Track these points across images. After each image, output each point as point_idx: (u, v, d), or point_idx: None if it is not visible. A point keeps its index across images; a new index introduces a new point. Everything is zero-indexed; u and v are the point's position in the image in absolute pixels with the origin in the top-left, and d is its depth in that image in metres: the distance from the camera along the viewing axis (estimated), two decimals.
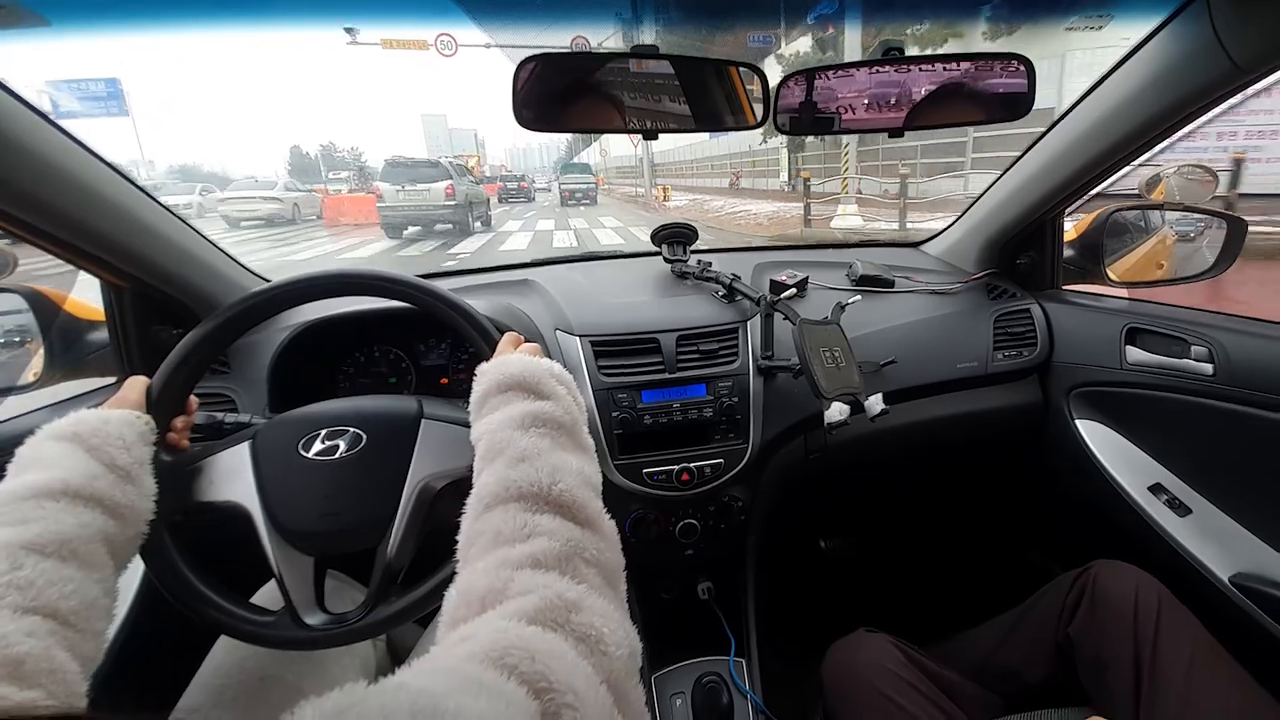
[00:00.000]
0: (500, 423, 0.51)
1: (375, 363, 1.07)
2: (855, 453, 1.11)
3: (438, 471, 0.61)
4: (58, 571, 0.43)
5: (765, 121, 0.87)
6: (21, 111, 0.66)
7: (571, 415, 0.53)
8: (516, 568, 0.39)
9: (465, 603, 0.38)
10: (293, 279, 0.66)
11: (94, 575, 0.46)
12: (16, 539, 0.42)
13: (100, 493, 0.49)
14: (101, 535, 0.48)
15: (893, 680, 0.75)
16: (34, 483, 0.46)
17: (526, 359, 0.57)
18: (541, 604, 0.35)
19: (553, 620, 0.35)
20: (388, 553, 0.59)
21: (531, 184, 26.00)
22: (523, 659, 0.30)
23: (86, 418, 0.53)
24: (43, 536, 0.43)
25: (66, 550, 0.44)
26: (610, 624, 0.37)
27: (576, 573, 0.40)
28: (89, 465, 0.50)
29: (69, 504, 0.47)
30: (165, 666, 0.70)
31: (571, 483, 0.46)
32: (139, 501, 0.53)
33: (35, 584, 0.41)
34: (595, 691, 0.32)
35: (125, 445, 0.53)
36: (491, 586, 0.38)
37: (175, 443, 0.62)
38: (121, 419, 0.54)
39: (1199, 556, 0.92)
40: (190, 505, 0.60)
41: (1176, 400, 0.96)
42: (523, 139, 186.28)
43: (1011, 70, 0.84)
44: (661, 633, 1.03)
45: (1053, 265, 1.22)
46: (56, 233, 0.73)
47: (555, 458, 0.48)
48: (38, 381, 0.89)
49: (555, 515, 0.44)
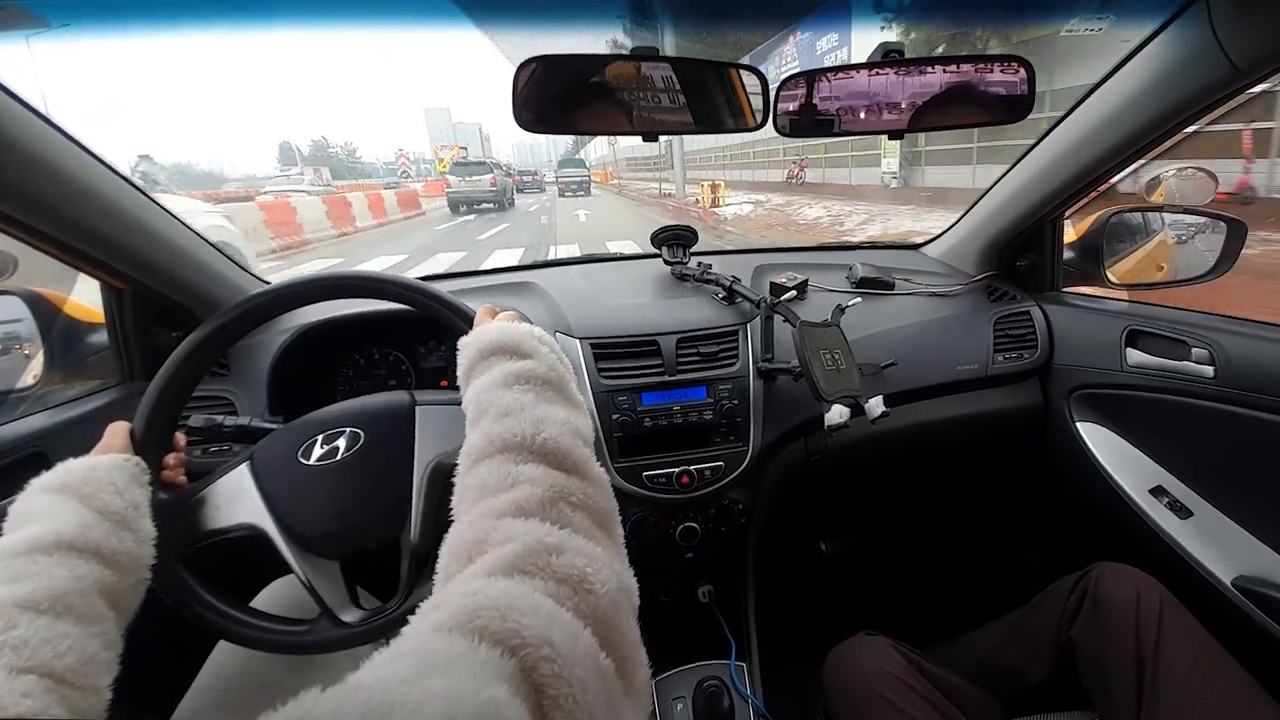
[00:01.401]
0: (484, 385, 0.51)
1: (375, 365, 1.07)
2: (855, 455, 1.11)
3: (445, 450, 0.61)
4: (52, 629, 0.42)
5: (765, 123, 0.87)
6: (21, 113, 0.66)
7: (555, 371, 0.53)
8: (499, 517, 0.39)
9: (454, 557, 0.38)
10: (260, 292, 0.65)
11: (91, 629, 0.44)
12: (10, 597, 0.41)
13: (95, 542, 0.48)
14: (98, 586, 0.47)
15: (893, 683, 0.74)
16: (28, 537, 0.46)
17: (505, 324, 0.57)
18: (521, 550, 0.35)
19: (533, 565, 0.34)
20: (412, 539, 0.59)
21: (542, 178, 33.04)
22: (492, 618, 0.29)
23: (74, 467, 0.52)
24: (36, 593, 0.42)
25: (61, 606, 0.43)
26: (595, 564, 0.36)
27: (560, 517, 0.40)
28: (81, 514, 0.49)
29: (63, 557, 0.46)
30: (165, 671, 0.69)
31: (556, 431, 0.46)
32: (136, 548, 0.52)
33: (29, 643, 0.40)
34: (577, 637, 0.31)
35: (117, 490, 0.52)
36: (476, 538, 0.37)
37: (171, 480, 0.61)
38: (110, 464, 0.54)
39: (1200, 559, 0.92)
40: (199, 537, 0.60)
41: (1177, 403, 0.96)
42: (529, 134, 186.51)
43: (1011, 72, 0.84)
44: (662, 636, 1.03)
45: (1053, 267, 1.22)
46: (57, 234, 0.73)
47: (539, 410, 0.48)
48: (38, 384, 0.89)
49: (539, 464, 0.43)
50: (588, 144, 49.82)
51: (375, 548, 0.61)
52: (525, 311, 1.04)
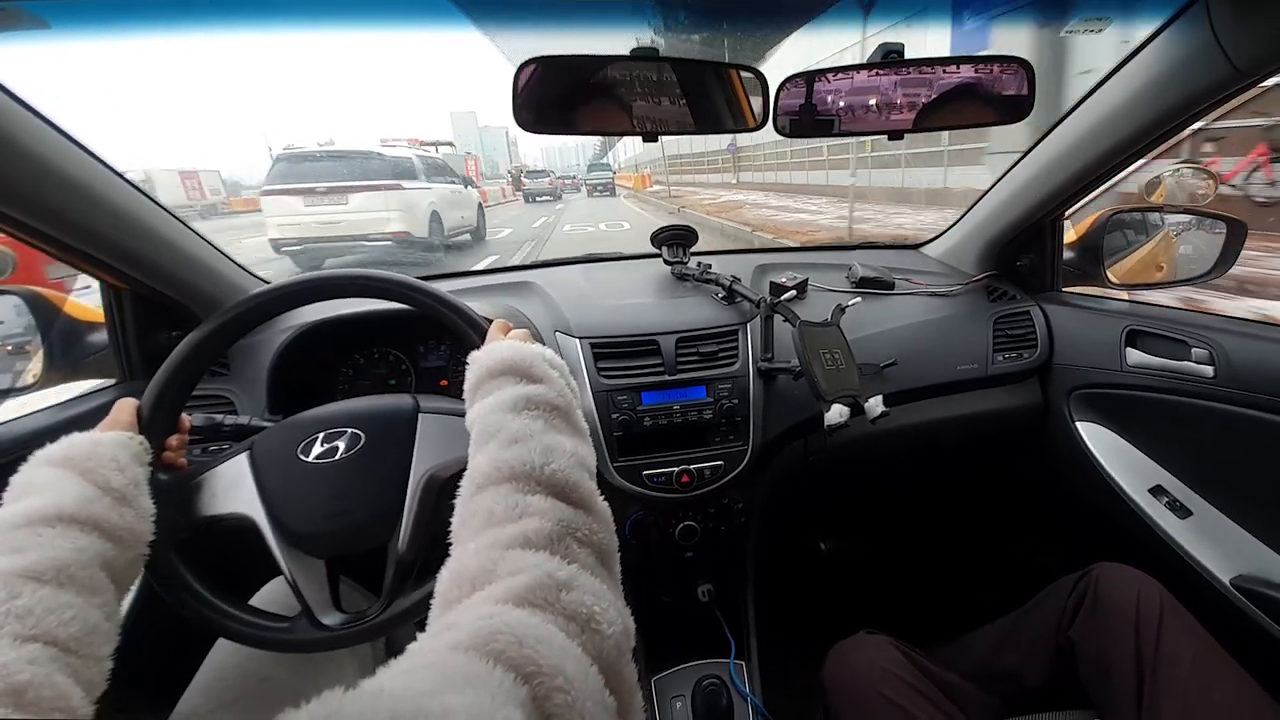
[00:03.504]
0: (492, 406, 0.50)
1: (375, 365, 1.07)
2: (855, 454, 1.11)
3: (442, 462, 0.61)
4: (56, 598, 0.42)
5: (765, 124, 0.87)
6: (21, 114, 0.66)
7: (565, 398, 0.53)
8: (507, 547, 0.39)
9: (456, 583, 0.38)
10: (276, 285, 0.65)
11: (94, 600, 0.45)
12: (13, 567, 0.42)
13: (96, 516, 0.48)
14: (99, 560, 0.47)
15: (893, 682, 0.74)
16: (29, 509, 0.46)
17: (517, 344, 0.57)
18: (531, 583, 0.35)
19: (543, 599, 0.34)
20: (399, 547, 0.59)
21: (580, 181, 37.47)
22: (509, 644, 0.30)
23: (78, 441, 0.52)
24: (39, 564, 0.43)
25: (64, 576, 0.43)
26: (602, 603, 0.36)
27: (568, 552, 0.40)
28: (83, 489, 0.49)
29: (64, 529, 0.46)
30: (164, 668, 0.69)
31: (564, 464, 0.46)
32: (136, 524, 0.52)
33: (34, 612, 0.40)
34: (586, 673, 0.31)
35: (119, 467, 0.52)
36: (482, 567, 0.37)
37: (172, 461, 0.62)
38: (114, 441, 0.54)
39: (1200, 559, 0.92)
40: (195, 521, 0.60)
41: (1177, 402, 0.96)
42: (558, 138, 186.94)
43: (1011, 72, 0.84)
44: (661, 635, 1.03)
45: (1053, 267, 1.22)
46: (57, 234, 0.73)
47: (548, 439, 0.48)
48: (37, 383, 0.89)
49: (547, 495, 0.44)
50: (616, 144, 50.36)
51: (361, 553, 0.62)
52: (525, 311, 1.04)
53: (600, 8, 0.97)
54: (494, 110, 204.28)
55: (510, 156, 57.54)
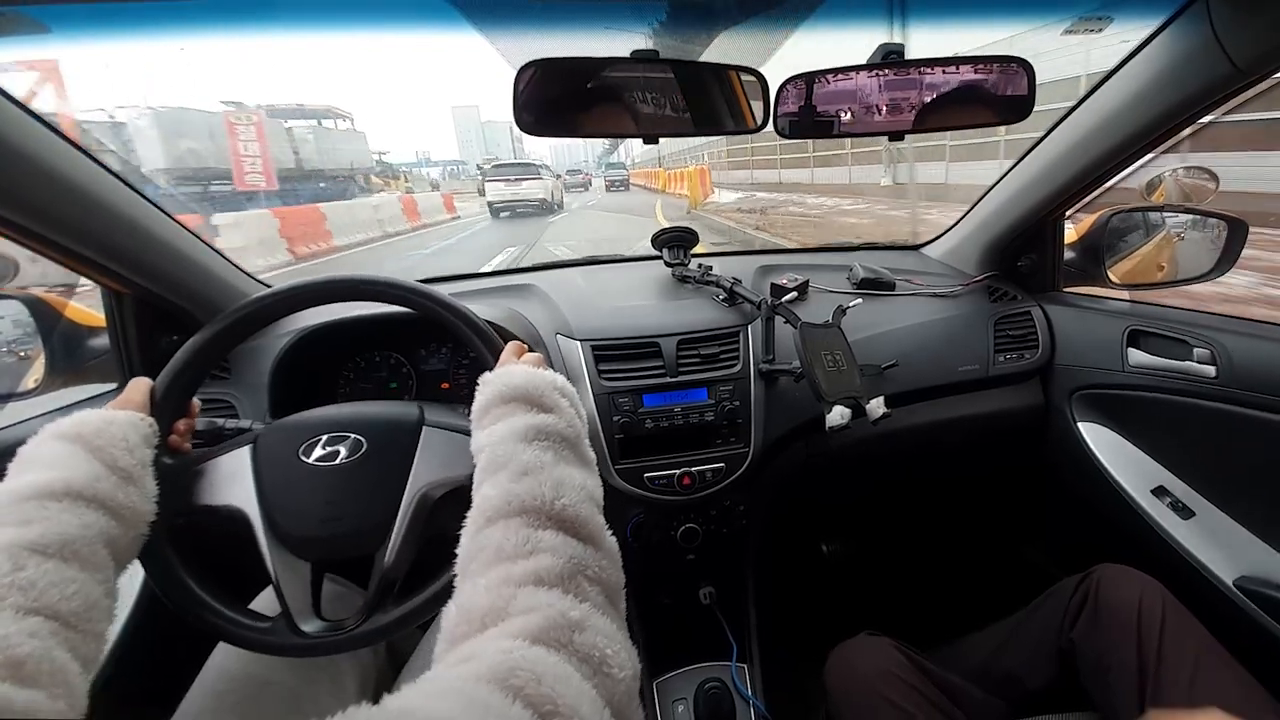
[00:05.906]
0: (503, 435, 0.50)
1: (376, 368, 1.07)
2: (857, 456, 1.11)
3: (438, 479, 0.61)
4: (60, 572, 0.43)
5: (765, 125, 0.87)
6: (22, 118, 0.66)
7: (574, 429, 0.53)
8: (519, 585, 0.38)
9: (466, 619, 0.37)
10: (296, 284, 0.66)
11: (96, 576, 0.46)
12: (19, 539, 0.42)
13: (102, 494, 0.49)
14: (103, 536, 0.48)
15: (895, 684, 0.74)
16: (37, 483, 0.46)
17: (530, 370, 0.56)
18: (545, 623, 0.35)
19: (556, 640, 0.34)
20: (385, 561, 0.59)
21: (590, 176, 37.69)
22: (529, 681, 0.30)
23: (89, 418, 0.53)
24: (45, 537, 0.43)
25: (69, 551, 0.44)
26: (614, 645, 0.36)
27: (580, 591, 0.39)
28: (91, 466, 0.50)
29: (71, 505, 0.46)
30: (166, 670, 0.69)
31: (575, 498, 0.46)
32: (140, 503, 0.53)
33: (37, 585, 0.41)
34: (599, 715, 0.31)
35: (128, 447, 0.53)
36: (493, 604, 0.37)
37: (177, 445, 0.62)
38: (126, 420, 0.54)
39: (1203, 560, 0.91)
40: (191, 508, 0.60)
41: (1179, 403, 0.96)
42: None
43: (1011, 72, 0.84)
44: (663, 638, 1.03)
45: (1054, 267, 1.22)
46: (59, 239, 0.73)
47: (558, 472, 0.47)
48: (38, 388, 0.89)
49: (558, 531, 0.43)
50: (617, 149, 51.39)
51: (345, 560, 0.62)
52: (526, 314, 1.04)
53: (600, 10, 0.97)
54: (497, 106, 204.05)
55: (514, 152, 57.82)
